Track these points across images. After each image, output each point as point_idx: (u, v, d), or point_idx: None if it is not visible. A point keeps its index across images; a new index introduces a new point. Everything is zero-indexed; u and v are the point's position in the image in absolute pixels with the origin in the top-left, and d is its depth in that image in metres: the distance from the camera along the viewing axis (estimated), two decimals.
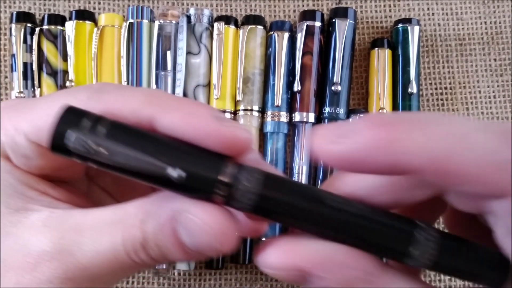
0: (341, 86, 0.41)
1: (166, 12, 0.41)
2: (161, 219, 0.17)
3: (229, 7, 0.44)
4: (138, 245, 0.18)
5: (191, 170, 0.16)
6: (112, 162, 0.17)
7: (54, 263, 0.18)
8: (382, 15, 0.44)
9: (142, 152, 0.16)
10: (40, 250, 0.18)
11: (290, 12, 0.44)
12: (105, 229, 0.18)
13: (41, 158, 0.19)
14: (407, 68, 0.41)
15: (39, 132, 0.18)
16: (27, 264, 0.18)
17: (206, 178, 0.16)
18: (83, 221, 0.18)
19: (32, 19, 0.41)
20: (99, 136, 0.16)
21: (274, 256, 0.17)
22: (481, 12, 0.44)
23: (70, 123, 0.16)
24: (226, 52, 0.41)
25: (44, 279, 0.18)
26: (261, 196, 0.17)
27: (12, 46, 0.40)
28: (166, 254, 0.18)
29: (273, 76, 0.41)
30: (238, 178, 0.17)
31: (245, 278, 0.41)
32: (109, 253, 0.18)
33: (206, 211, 0.17)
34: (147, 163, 0.16)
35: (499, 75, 0.44)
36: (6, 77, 0.42)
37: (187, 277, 0.41)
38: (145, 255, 0.18)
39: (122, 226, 0.18)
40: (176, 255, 0.18)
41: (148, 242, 0.17)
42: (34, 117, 0.19)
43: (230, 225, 0.17)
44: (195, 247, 0.17)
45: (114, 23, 0.41)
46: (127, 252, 0.18)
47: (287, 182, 0.18)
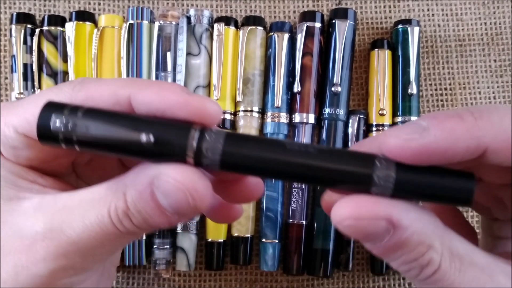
0: (341, 87, 0.41)
1: (166, 13, 0.41)
2: (139, 186, 0.19)
3: (229, 8, 0.44)
4: (122, 214, 0.19)
5: (159, 134, 0.18)
6: (90, 138, 0.19)
7: (47, 241, 0.19)
8: (382, 16, 0.45)
9: (115, 123, 0.19)
10: (34, 232, 0.19)
11: (290, 13, 0.44)
12: (91, 205, 0.19)
13: (29, 149, 0.21)
14: (407, 69, 0.41)
15: (27, 125, 0.20)
16: (23, 246, 0.19)
17: (174, 141, 0.18)
18: (70, 201, 0.20)
19: (32, 20, 0.41)
20: (77, 118, 0.19)
21: (367, 206, 0.18)
22: (481, 13, 0.44)
23: (52, 113, 0.19)
24: (226, 53, 0.41)
25: (39, 258, 0.19)
26: (224, 152, 0.18)
27: (12, 47, 0.40)
28: (148, 219, 0.19)
29: (273, 77, 0.41)
30: (203, 139, 0.18)
31: (245, 279, 0.41)
32: (96, 226, 0.19)
33: (177, 170, 0.18)
34: (121, 132, 0.19)
35: (499, 76, 0.44)
36: (6, 78, 0.42)
37: (187, 278, 0.41)
38: (129, 223, 0.19)
39: (106, 200, 0.19)
40: (157, 220, 0.19)
41: (130, 210, 0.19)
42: (22, 111, 0.21)
43: (200, 181, 0.18)
44: (172, 207, 0.19)
45: (114, 24, 0.41)
46: (112, 222, 0.19)
47: (247, 136, 0.19)
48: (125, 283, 0.41)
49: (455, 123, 0.18)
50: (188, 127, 0.19)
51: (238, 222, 0.40)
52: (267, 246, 0.40)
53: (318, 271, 0.40)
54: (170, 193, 0.18)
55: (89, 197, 0.20)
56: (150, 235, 0.40)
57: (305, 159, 0.18)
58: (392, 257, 0.19)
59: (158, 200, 0.19)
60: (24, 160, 0.21)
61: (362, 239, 0.18)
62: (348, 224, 0.18)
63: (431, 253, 0.18)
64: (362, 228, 0.18)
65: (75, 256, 0.19)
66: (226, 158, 0.18)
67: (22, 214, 0.20)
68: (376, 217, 0.18)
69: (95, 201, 0.19)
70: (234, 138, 0.19)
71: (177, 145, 0.18)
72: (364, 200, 0.18)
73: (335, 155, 0.19)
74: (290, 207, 0.40)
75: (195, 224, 0.40)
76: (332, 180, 0.19)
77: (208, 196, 0.19)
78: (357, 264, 0.42)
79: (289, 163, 0.18)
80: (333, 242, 0.40)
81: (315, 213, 0.41)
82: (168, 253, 0.40)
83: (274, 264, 0.40)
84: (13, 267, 0.19)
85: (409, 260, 0.18)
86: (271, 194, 0.40)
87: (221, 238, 0.40)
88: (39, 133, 0.19)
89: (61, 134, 0.19)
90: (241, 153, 0.19)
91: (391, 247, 0.18)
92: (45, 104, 0.19)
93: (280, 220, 0.41)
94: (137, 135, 0.18)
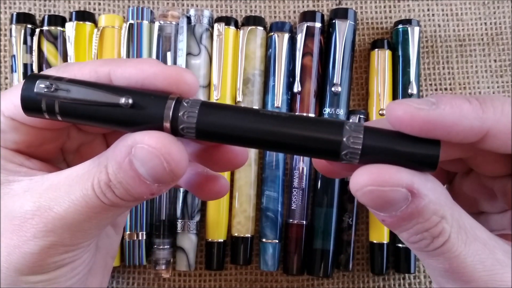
0: (341, 87, 0.41)
1: (166, 13, 0.41)
2: (118, 157, 0.19)
3: (229, 8, 0.44)
4: (104, 186, 0.19)
5: (138, 100, 0.19)
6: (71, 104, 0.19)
7: (36, 219, 0.20)
8: (382, 16, 0.44)
9: (96, 88, 0.19)
10: (23, 211, 0.20)
11: (290, 13, 0.44)
12: (76, 180, 0.20)
13: (16, 132, 0.22)
14: (407, 69, 0.41)
15: (13, 107, 0.21)
16: (14, 226, 0.20)
17: (151, 109, 0.19)
18: (57, 180, 0.20)
19: (32, 20, 0.41)
20: (60, 83, 0.19)
21: (390, 173, 0.18)
22: (481, 13, 0.44)
23: (36, 79, 0.19)
24: (226, 53, 0.41)
25: (30, 235, 0.20)
26: (199, 120, 0.19)
27: (12, 47, 0.40)
28: (129, 189, 0.20)
29: (273, 77, 0.41)
30: (179, 108, 0.19)
31: (245, 279, 0.41)
32: (81, 200, 0.20)
33: (151, 136, 0.19)
34: (101, 95, 0.19)
35: (499, 76, 0.44)
36: (6, 78, 0.42)
37: (187, 278, 0.41)
38: (112, 195, 0.20)
39: (90, 174, 0.20)
40: (137, 189, 0.20)
41: (112, 181, 0.19)
42: (8, 96, 0.21)
43: (174, 145, 0.19)
44: (150, 174, 0.19)
45: (114, 24, 0.41)
46: (96, 195, 0.20)
47: (222, 105, 0.20)
48: (125, 283, 0.41)
49: (462, 102, 0.18)
50: (165, 96, 0.19)
51: (238, 222, 0.40)
52: (267, 246, 0.40)
53: (318, 271, 0.40)
54: (146, 159, 0.19)
55: (74, 173, 0.20)
56: (150, 235, 0.40)
57: (277, 125, 0.19)
58: (405, 227, 0.19)
59: (137, 169, 0.19)
60: (11, 144, 0.22)
61: (379, 206, 0.19)
62: (369, 190, 0.18)
63: (443, 224, 0.19)
64: (383, 195, 0.18)
65: (63, 231, 0.20)
66: (201, 127, 0.19)
67: (11, 196, 0.21)
68: (398, 184, 0.18)
69: (79, 176, 0.20)
70: (209, 107, 0.19)
71: (154, 113, 0.19)
72: (385, 168, 0.18)
73: (305, 121, 0.19)
74: (290, 207, 0.40)
75: (195, 224, 0.40)
76: (303, 147, 0.19)
77: (183, 161, 0.19)
78: (357, 264, 0.42)
79: (262, 130, 0.19)
80: (333, 242, 0.40)
81: (315, 213, 0.41)
82: (168, 253, 0.40)
83: (274, 264, 0.40)
84: (5, 248, 0.20)
85: (422, 229, 0.19)
86: (271, 194, 0.40)
87: (221, 238, 0.40)
88: (24, 107, 0.20)
89: (44, 99, 0.19)
90: (216, 122, 0.19)
91: (406, 216, 0.18)
92: (30, 75, 0.20)
93: (280, 220, 0.41)
94: (116, 98, 0.19)
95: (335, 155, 0.19)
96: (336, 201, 0.40)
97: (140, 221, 0.40)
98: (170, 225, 0.40)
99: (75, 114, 0.20)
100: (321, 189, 0.40)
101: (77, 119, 0.20)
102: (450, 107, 0.18)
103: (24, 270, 0.20)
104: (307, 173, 0.41)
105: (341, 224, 0.41)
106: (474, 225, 0.20)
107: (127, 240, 0.39)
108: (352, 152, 0.19)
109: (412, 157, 0.19)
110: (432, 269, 0.20)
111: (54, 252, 0.20)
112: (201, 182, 0.24)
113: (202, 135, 0.19)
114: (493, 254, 0.19)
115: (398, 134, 0.19)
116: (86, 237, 0.21)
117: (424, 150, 0.19)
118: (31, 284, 0.21)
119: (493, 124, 0.18)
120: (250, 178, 0.41)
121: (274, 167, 0.41)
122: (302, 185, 0.40)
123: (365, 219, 0.42)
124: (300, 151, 0.19)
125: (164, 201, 0.40)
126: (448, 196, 0.19)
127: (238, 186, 0.41)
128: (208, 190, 0.24)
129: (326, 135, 0.19)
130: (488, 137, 0.19)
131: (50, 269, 0.21)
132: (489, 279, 0.19)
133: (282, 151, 0.20)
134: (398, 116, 0.18)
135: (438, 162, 0.19)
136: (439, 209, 0.18)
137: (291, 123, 0.19)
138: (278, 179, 0.41)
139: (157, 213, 0.40)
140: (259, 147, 0.20)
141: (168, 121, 0.19)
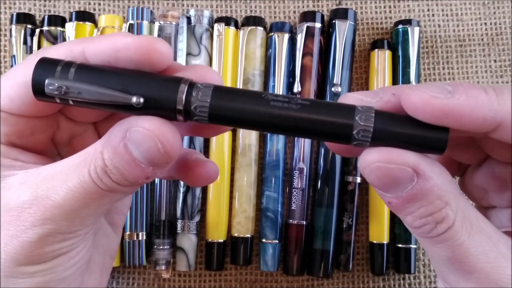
0: (341, 87, 0.41)
1: (166, 13, 0.41)
2: (114, 142, 0.20)
3: (229, 8, 0.44)
4: (100, 172, 0.20)
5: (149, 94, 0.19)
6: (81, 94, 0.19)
7: (33, 208, 0.20)
8: (382, 16, 0.44)
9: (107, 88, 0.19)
10: (20, 202, 0.20)
11: (290, 13, 0.44)
12: (73, 168, 0.20)
13: (4, 123, 0.22)
14: (407, 69, 0.41)
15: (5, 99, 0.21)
16: (11, 217, 0.20)
17: (164, 100, 0.19)
18: (54, 170, 0.21)
19: (32, 20, 0.41)
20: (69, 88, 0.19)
21: (398, 153, 0.19)
22: (481, 13, 0.44)
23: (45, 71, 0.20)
24: (226, 53, 0.41)
25: (28, 225, 0.20)
26: (212, 105, 0.19)
27: (12, 47, 0.40)
28: (124, 174, 0.20)
29: (273, 77, 0.41)
30: (191, 94, 0.19)
31: (245, 279, 0.41)
32: (78, 186, 0.20)
33: (146, 119, 0.19)
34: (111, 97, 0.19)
35: (499, 76, 0.44)
36: None
37: (187, 278, 0.41)
38: (108, 180, 0.20)
39: (86, 162, 0.20)
40: (133, 173, 0.20)
41: (108, 166, 0.20)
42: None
43: (168, 128, 0.19)
44: (144, 157, 0.19)
45: (114, 24, 0.41)
46: (93, 181, 0.20)
47: (233, 89, 0.20)
48: (125, 283, 0.41)
49: (478, 93, 0.18)
50: (175, 82, 0.19)
51: (238, 222, 0.40)
52: (267, 246, 0.40)
53: (318, 272, 0.40)
54: (140, 141, 0.19)
55: (71, 163, 0.20)
56: (150, 235, 0.40)
57: (287, 112, 0.19)
58: (409, 210, 0.19)
59: (132, 153, 0.19)
60: (2, 137, 0.22)
61: (385, 185, 0.19)
62: (376, 166, 0.19)
63: (447, 210, 0.19)
64: (390, 172, 0.19)
65: (61, 219, 0.20)
66: (214, 112, 0.19)
67: (7, 189, 0.21)
68: (405, 163, 0.19)
69: (76, 165, 0.20)
70: (221, 92, 0.19)
71: (166, 102, 0.19)
72: (394, 149, 0.19)
73: (317, 105, 0.19)
74: (290, 207, 0.40)
75: (195, 224, 0.40)
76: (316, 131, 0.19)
77: (176, 142, 0.19)
78: (357, 264, 0.42)
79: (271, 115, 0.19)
80: (333, 243, 0.40)
81: (315, 213, 0.41)
82: (168, 253, 0.40)
83: (274, 264, 0.40)
84: (3, 239, 0.20)
85: (426, 213, 0.19)
86: (271, 194, 0.40)
87: (221, 238, 0.40)
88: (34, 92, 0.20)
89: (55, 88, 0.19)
90: (228, 106, 0.19)
91: (411, 197, 0.19)
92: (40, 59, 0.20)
93: (280, 220, 0.41)
94: (128, 98, 0.19)
95: (347, 138, 0.19)
96: (336, 201, 0.40)
97: (140, 221, 0.40)
98: (170, 225, 0.40)
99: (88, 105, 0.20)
100: (321, 189, 0.40)
101: (90, 107, 0.20)
102: (465, 97, 0.18)
103: (22, 260, 0.20)
104: (307, 173, 0.41)
105: (341, 224, 0.41)
106: (479, 217, 0.20)
107: (127, 240, 0.39)
108: (364, 135, 0.19)
109: (420, 140, 0.19)
110: (436, 259, 0.20)
111: (52, 240, 0.20)
112: (189, 167, 0.24)
113: (215, 119, 0.20)
114: (497, 247, 0.19)
115: (407, 118, 0.19)
116: (83, 224, 0.21)
117: (433, 134, 0.19)
118: (29, 275, 0.21)
119: (507, 116, 0.18)
120: (250, 178, 0.41)
121: (274, 167, 0.41)
122: (302, 185, 0.40)
123: (365, 219, 0.42)
124: (313, 134, 0.20)
125: (164, 201, 0.40)
126: (454, 185, 0.19)
127: (238, 186, 0.41)
128: (196, 174, 0.24)
129: (339, 119, 0.19)
130: (500, 128, 0.19)
131: (48, 258, 0.21)
132: (492, 271, 0.19)
133: (294, 135, 0.20)
134: (412, 103, 0.19)
135: (446, 146, 0.19)
136: (444, 195, 0.19)
137: (303, 107, 0.19)
138: (278, 179, 0.41)
139: (157, 213, 0.40)
140: (270, 131, 0.20)
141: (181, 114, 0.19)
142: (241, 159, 0.41)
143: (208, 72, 0.21)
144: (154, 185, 0.40)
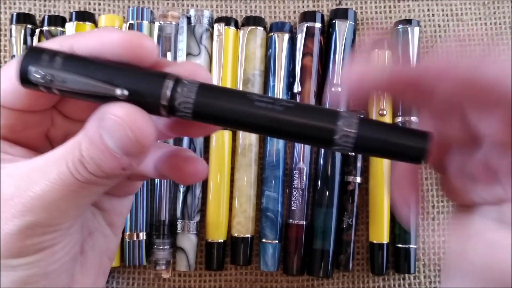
0: (341, 87, 0.41)
1: (166, 13, 0.41)
2: (89, 132, 0.20)
3: (229, 8, 0.44)
4: (77, 163, 0.20)
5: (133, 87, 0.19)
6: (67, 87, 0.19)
7: (15, 199, 0.20)
8: (382, 16, 0.44)
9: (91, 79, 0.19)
10: (4, 194, 0.20)
11: (290, 13, 0.44)
12: (54, 160, 0.20)
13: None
14: None
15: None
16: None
17: (148, 94, 0.19)
18: (38, 162, 0.21)
19: (32, 20, 0.41)
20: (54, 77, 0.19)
21: None
22: (481, 13, 0.44)
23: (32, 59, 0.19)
24: (226, 53, 0.41)
25: (9, 216, 0.20)
26: (196, 102, 0.19)
27: (12, 47, 0.40)
28: (100, 164, 0.20)
29: (273, 77, 0.41)
30: (176, 90, 0.19)
31: (245, 279, 0.41)
32: (57, 178, 0.20)
33: (117, 106, 0.19)
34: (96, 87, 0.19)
35: None
36: None
37: (187, 278, 0.41)
38: (84, 171, 0.20)
39: (67, 153, 0.20)
40: (108, 164, 0.20)
41: (84, 157, 0.20)
42: None
43: (139, 115, 0.19)
44: (118, 146, 0.19)
45: (114, 24, 0.41)
46: (71, 172, 0.20)
47: (219, 88, 0.20)
48: (125, 283, 0.41)
49: None
50: (160, 78, 0.19)
51: (238, 222, 0.40)
52: (267, 247, 0.40)
53: (318, 272, 0.40)
54: (112, 129, 0.19)
55: (54, 154, 0.20)
56: (150, 235, 0.40)
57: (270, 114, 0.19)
58: None
59: (106, 143, 0.19)
60: None
61: None
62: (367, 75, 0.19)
63: None
64: None
65: (41, 211, 0.20)
66: (198, 110, 0.19)
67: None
68: None
69: (57, 156, 0.20)
70: (206, 90, 0.19)
71: (151, 97, 0.19)
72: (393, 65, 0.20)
73: (302, 109, 0.19)
74: (290, 207, 0.40)
75: (195, 224, 0.40)
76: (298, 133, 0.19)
77: (148, 130, 0.19)
78: (357, 264, 0.42)
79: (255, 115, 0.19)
80: (333, 243, 0.40)
81: (315, 213, 0.41)
82: (168, 253, 0.40)
83: (274, 264, 0.40)
84: None
85: None
86: (271, 194, 0.40)
87: (221, 238, 0.40)
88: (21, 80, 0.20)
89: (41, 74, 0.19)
90: (213, 105, 0.19)
91: None
92: (30, 48, 0.20)
93: (280, 220, 0.41)
94: (112, 90, 0.19)
95: (328, 143, 0.19)
96: (336, 201, 0.40)
97: (140, 221, 0.40)
98: (170, 225, 0.40)
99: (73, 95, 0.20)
100: (321, 189, 0.40)
101: (75, 97, 0.20)
102: None
103: (4, 252, 0.20)
104: (307, 173, 0.41)
105: (341, 224, 0.41)
106: None
107: (127, 240, 0.40)
108: (346, 140, 0.19)
109: (402, 148, 0.19)
110: None
111: (32, 233, 0.20)
112: (177, 163, 0.24)
113: (199, 116, 0.20)
114: None
115: (392, 126, 0.20)
116: (64, 218, 0.21)
117: (415, 143, 0.19)
118: (11, 268, 0.21)
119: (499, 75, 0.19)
120: (250, 178, 0.41)
121: (274, 167, 0.41)
122: (302, 185, 0.40)
123: (365, 219, 0.42)
124: (295, 137, 0.20)
125: (164, 201, 0.40)
126: None
127: (238, 186, 0.41)
128: (184, 171, 0.24)
129: (321, 123, 0.19)
130: None
131: (30, 252, 0.21)
132: None
133: (278, 137, 0.21)
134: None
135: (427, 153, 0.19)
136: None
137: (288, 110, 0.19)
138: (278, 179, 0.41)
139: (157, 213, 0.40)
140: (255, 132, 0.20)
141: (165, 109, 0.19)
142: (241, 159, 0.41)
143: (197, 69, 0.21)
144: (154, 185, 0.41)
